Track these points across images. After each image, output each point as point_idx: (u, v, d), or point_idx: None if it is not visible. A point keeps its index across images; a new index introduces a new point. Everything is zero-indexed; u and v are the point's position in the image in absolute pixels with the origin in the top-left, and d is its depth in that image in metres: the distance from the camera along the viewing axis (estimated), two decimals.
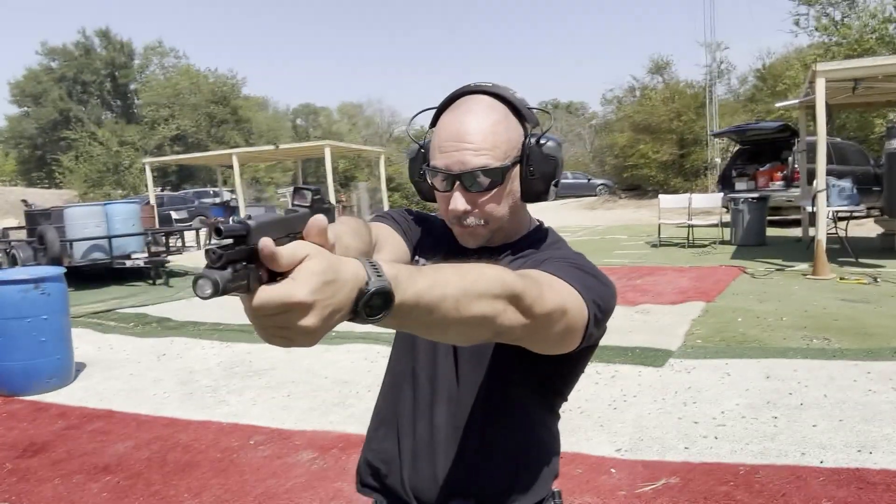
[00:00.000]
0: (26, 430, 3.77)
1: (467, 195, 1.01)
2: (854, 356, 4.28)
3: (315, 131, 45.95)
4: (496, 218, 1.03)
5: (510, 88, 1.05)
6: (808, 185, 9.74)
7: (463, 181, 0.99)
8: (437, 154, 1.01)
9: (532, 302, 0.78)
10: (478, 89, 1.03)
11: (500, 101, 1.03)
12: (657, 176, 23.44)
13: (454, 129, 1.00)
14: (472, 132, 0.98)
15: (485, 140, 0.98)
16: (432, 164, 1.02)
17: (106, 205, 10.59)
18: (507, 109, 1.03)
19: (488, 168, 0.98)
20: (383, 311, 0.63)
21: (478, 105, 1.01)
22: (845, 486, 2.60)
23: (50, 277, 4.51)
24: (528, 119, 1.05)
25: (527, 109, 1.05)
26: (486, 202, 1.01)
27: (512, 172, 1.02)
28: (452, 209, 1.01)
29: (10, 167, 40.92)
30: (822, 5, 20.35)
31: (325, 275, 0.59)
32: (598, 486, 2.74)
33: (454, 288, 0.70)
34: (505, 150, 1.00)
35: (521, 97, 1.05)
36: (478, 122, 0.99)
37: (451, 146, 0.99)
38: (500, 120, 1.01)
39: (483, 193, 1.01)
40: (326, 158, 16.89)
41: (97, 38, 39.40)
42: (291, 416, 3.77)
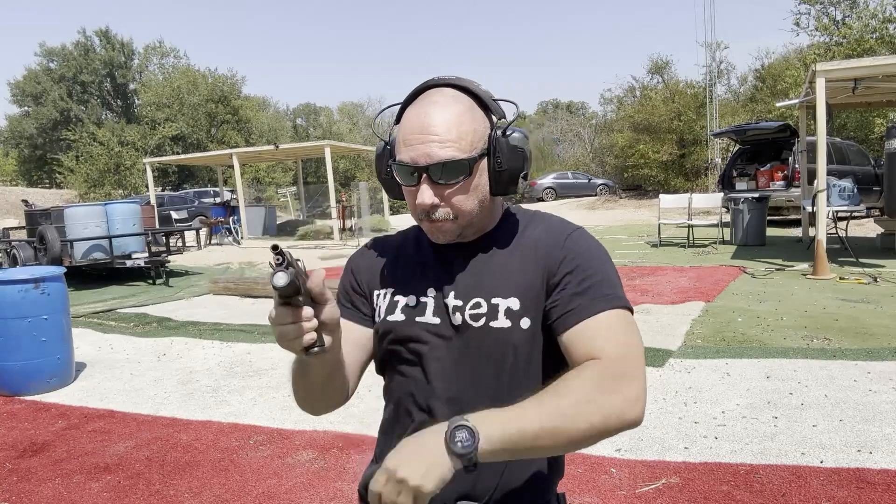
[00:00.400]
0: (26, 430, 3.77)
1: (435, 188, 0.98)
2: (854, 356, 4.28)
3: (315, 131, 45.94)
4: (465, 212, 1.01)
5: (475, 81, 1.04)
6: (809, 184, 9.75)
7: (430, 174, 0.97)
8: (403, 148, 0.99)
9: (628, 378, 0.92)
10: (441, 82, 1.02)
11: (464, 93, 1.01)
12: (657, 176, 23.45)
13: (418, 121, 0.98)
14: (436, 124, 0.96)
15: (450, 131, 0.96)
16: (398, 158, 1.00)
17: (106, 205, 10.59)
18: (471, 101, 1.01)
19: (455, 160, 0.96)
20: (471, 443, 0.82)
21: (442, 97, 0.99)
22: (845, 486, 2.60)
23: (50, 277, 4.51)
24: (493, 111, 1.03)
25: (492, 101, 1.03)
26: (454, 195, 0.99)
27: (479, 165, 1.00)
28: (420, 203, 0.99)
29: (10, 167, 40.92)
30: (822, 5, 20.36)
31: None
32: (599, 485, 2.74)
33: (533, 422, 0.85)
34: (471, 142, 0.98)
35: (485, 89, 1.03)
36: (442, 113, 0.97)
37: (417, 139, 0.97)
38: (465, 111, 0.99)
39: (450, 186, 0.99)
40: (327, 158, 16.91)
41: (97, 38, 39.42)
42: (291, 416, 3.77)
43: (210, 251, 15.01)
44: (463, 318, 1.04)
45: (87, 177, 27.23)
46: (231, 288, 8.39)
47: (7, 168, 40.96)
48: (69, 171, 28.31)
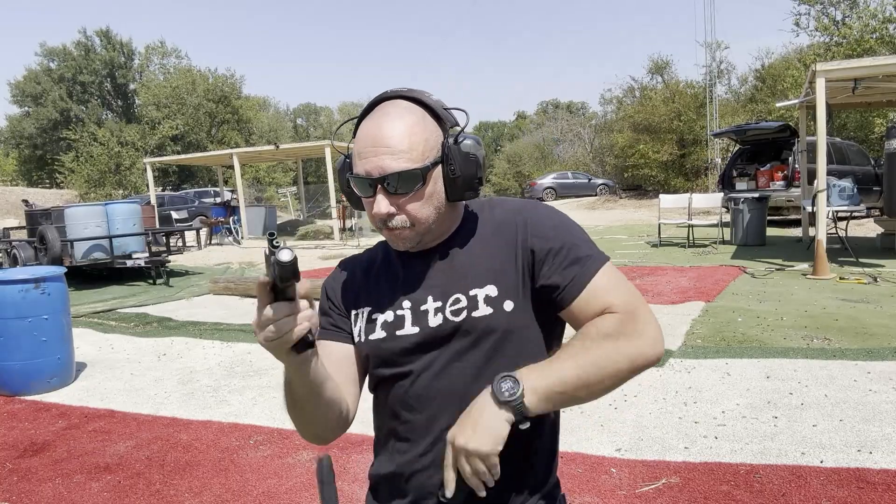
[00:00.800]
0: (27, 430, 3.77)
1: (390, 197, 1.01)
2: (854, 356, 4.29)
3: (315, 131, 45.97)
4: (421, 219, 1.03)
5: (426, 91, 1.06)
6: (809, 184, 9.75)
7: (384, 185, 1.00)
8: (358, 161, 1.02)
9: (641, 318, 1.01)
10: (394, 94, 1.05)
11: (415, 103, 1.04)
12: (657, 176, 23.47)
13: (371, 133, 1.01)
14: (388, 136, 0.99)
15: (401, 142, 0.99)
16: (354, 171, 1.03)
17: (106, 205, 10.59)
18: (423, 112, 1.03)
19: (407, 170, 0.99)
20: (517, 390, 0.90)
21: (394, 109, 1.02)
22: (845, 486, 2.60)
23: (50, 277, 4.51)
24: (445, 119, 1.05)
25: (443, 110, 1.05)
26: (409, 203, 1.02)
27: (433, 173, 1.02)
28: (376, 212, 1.02)
29: (10, 167, 40.93)
30: (822, 5, 20.36)
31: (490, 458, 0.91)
32: (599, 485, 2.74)
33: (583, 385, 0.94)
34: (422, 151, 1.00)
35: (437, 99, 1.06)
36: (394, 125, 1.00)
37: (370, 151, 1.00)
38: (417, 122, 1.01)
39: (405, 195, 1.01)
40: (327, 158, 16.90)
41: (97, 38, 39.42)
42: None
43: (210, 251, 15.01)
44: (445, 316, 1.05)
45: (87, 177, 27.23)
46: (231, 288, 8.40)
47: (7, 168, 40.97)
48: (69, 172, 28.31)
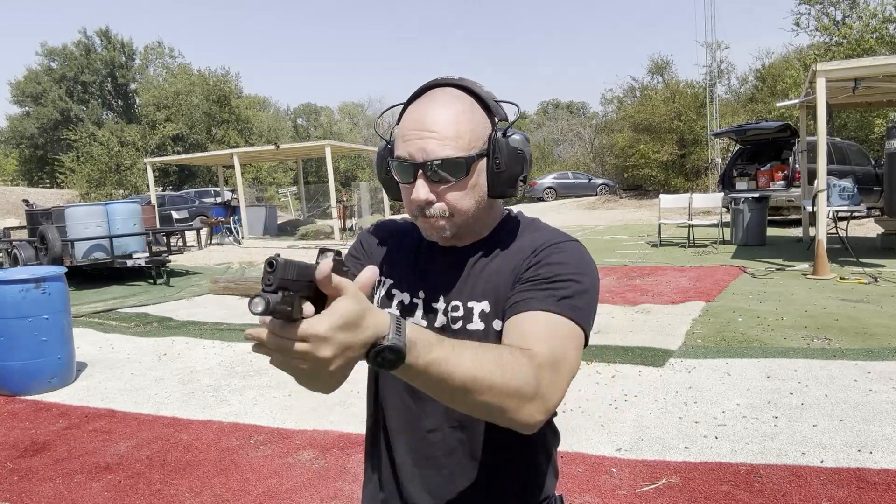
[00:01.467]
0: (27, 430, 3.78)
1: (430, 185, 0.97)
2: (854, 356, 4.29)
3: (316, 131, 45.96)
4: (461, 210, 0.99)
5: (478, 82, 1.02)
6: (809, 184, 9.75)
7: (425, 170, 0.96)
8: (401, 144, 0.98)
9: (544, 396, 0.83)
10: (444, 82, 1.01)
11: (466, 92, 1.00)
12: (657, 176, 23.45)
13: (417, 117, 0.97)
14: (435, 121, 0.95)
15: (448, 129, 0.95)
16: (396, 154, 0.99)
17: (107, 204, 10.60)
18: (473, 101, 0.99)
19: (452, 157, 0.95)
20: (393, 364, 0.72)
21: (443, 95, 0.98)
22: (846, 486, 2.60)
23: (51, 277, 4.51)
24: (495, 113, 1.01)
25: (494, 102, 1.02)
26: (449, 192, 0.97)
27: (478, 165, 0.98)
28: (414, 198, 0.97)
29: (11, 167, 40.93)
30: (822, 5, 20.35)
31: (348, 317, 0.68)
32: (599, 485, 2.75)
33: (464, 374, 0.76)
34: (469, 141, 0.96)
35: (488, 90, 1.02)
36: (441, 111, 0.96)
37: (414, 134, 0.96)
38: (465, 110, 0.97)
39: (446, 184, 0.97)
40: (327, 158, 16.91)
41: (97, 38, 39.41)
42: (292, 416, 3.78)
43: (211, 251, 15.01)
44: (446, 320, 1.04)
45: (88, 177, 27.24)
46: (232, 288, 8.40)
47: (8, 168, 40.97)
48: (70, 171, 28.32)
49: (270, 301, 0.66)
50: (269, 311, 0.66)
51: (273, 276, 0.67)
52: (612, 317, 5.68)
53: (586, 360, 4.47)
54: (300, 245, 15.31)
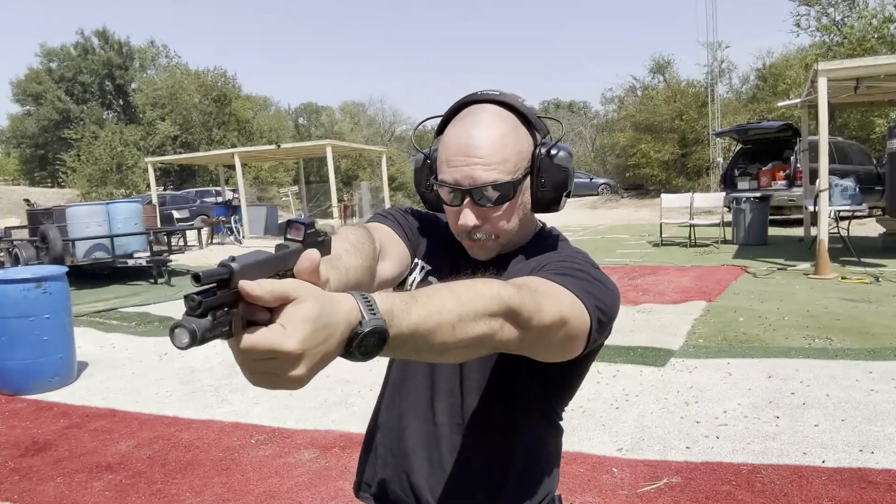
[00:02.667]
0: (28, 429, 3.78)
1: (477, 210, 0.97)
2: (856, 356, 4.28)
3: (317, 130, 45.95)
4: (506, 232, 1.01)
5: (518, 96, 1.02)
6: (811, 184, 9.74)
7: (473, 196, 0.96)
8: (446, 168, 0.98)
9: (530, 315, 0.77)
10: (484, 98, 1.00)
11: (508, 109, 1.00)
12: (659, 175, 23.44)
13: (462, 141, 0.96)
14: (480, 145, 0.95)
15: (494, 153, 0.95)
16: (441, 177, 0.99)
17: (108, 204, 10.61)
18: (515, 119, 0.99)
19: (499, 183, 0.95)
20: (377, 349, 0.63)
21: (486, 115, 0.98)
22: (847, 486, 2.60)
23: (52, 276, 4.51)
24: (537, 128, 1.02)
25: (536, 118, 1.02)
26: (497, 217, 0.99)
27: (523, 185, 0.99)
28: (462, 224, 0.98)
29: (12, 166, 40.96)
30: (821, 6, 20.33)
31: (318, 321, 0.58)
32: (600, 485, 2.74)
33: (450, 313, 0.69)
34: (515, 163, 0.97)
35: (529, 105, 1.02)
36: (486, 134, 0.95)
37: (461, 160, 0.95)
38: (510, 131, 0.97)
39: (493, 208, 0.98)
40: (328, 158, 16.92)
41: (96, 39, 39.39)
42: (293, 416, 3.78)
43: (212, 250, 15.02)
44: None
45: (89, 176, 27.26)
46: None
47: (9, 167, 41.00)
48: (71, 171, 28.34)
49: (196, 330, 0.53)
50: (198, 341, 0.53)
51: (201, 296, 0.54)
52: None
53: None
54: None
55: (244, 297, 0.56)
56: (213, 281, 0.56)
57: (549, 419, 1.10)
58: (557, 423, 1.13)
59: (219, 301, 0.56)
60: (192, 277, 0.55)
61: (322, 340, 0.58)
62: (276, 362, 0.57)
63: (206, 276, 0.55)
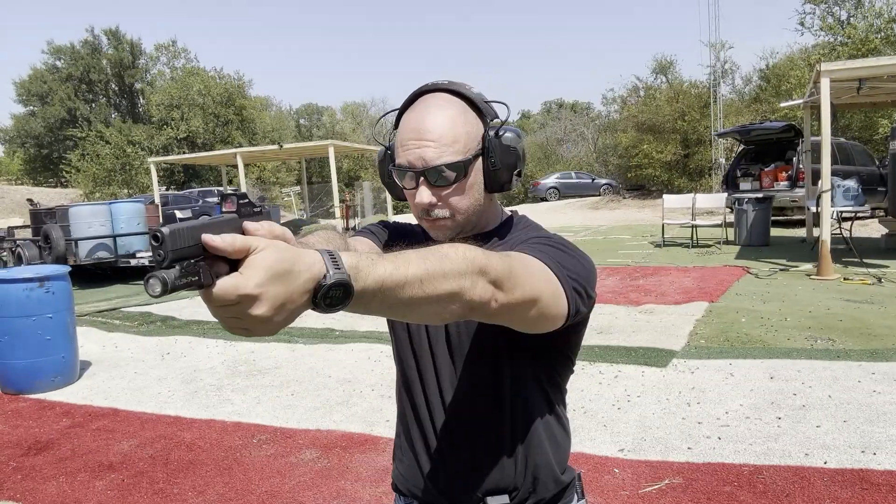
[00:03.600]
0: (31, 429, 3.79)
1: (432, 189, 1.02)
2: (858, 357, 4.27)
3: (319, 131, 45.97)
4: (461, 210, 1.05)
5: (467, 84, 1.08)
6: (813, 185, 9.72)
7: (427, 176, 1.01)
8: (401, 152, 1.03)
9: (500, 275, 0.79)
10: (435, 87, 1.06)
11: (457, 96, 1.05)
12: (661, 176, 23.42)
13: (414, 125, 1.02)
14: (431, 128, 1.00)
15: (444, 135, 1.00)
16: (397, 162, 1.04)
17: (111, 204, 10.62)
18: (464, 104, 1.05)
19: (450, 163, 1.00)
20: (343, 301, 0.65)
21: (435, 101, 1.03)
22: (849, 487, 2.60)
23: (55, 276, 4.52)
24: (486, 113, 1.07)
25: (484, 103, 1.07)
26: (451, 195, 1.03)
27: (474, 165, 1.04)
28: (418, 202, 1.03)
29: (16, 166, 41.04)
30: (827, 5, 20.29)
31: (276, 266, 0.61)
32: (602, 486, 2.74)
33: (417, 268, 0.71)
34: (465, 144, 1.02)
35: (477, 92, 1.07)
36: (436, 117, 1.01)
37: (413, 143, 1.01)
38: (458, 114, 1.03)
39: (447, 187, 1.03)
40: (330, 158, 16.93)
41: (104, 38, 39.43)
42: (295, 415, 3.78)
43: None
44: None
45: (94, 176, 27.32)
46: None
47: (13, 167, 41.08)
48: (76, 171, 28.39)
49: (168, 279, 0.58)
50: (171, 289, 0.58)
51: (163, 250, 0.59)
52: (615, 317, 5.67)
53: (589, 361, 4.46)
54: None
55: (207, 249, 0.61)
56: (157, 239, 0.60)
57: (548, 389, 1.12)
58: (558, 394, 1.15)
59: (181, 253, 0.60)
60: (151, 237, 0.59)
61: (282, 285, 0.61)
62: (238, 306, 0.60)
63: (163, 236, 0.60)
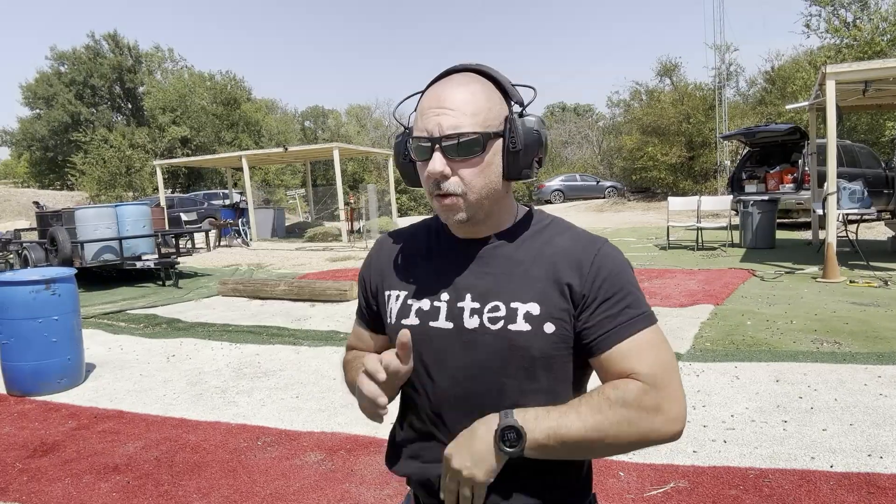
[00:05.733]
0: (37, 430, 3.80)
1: (446, 159, 0.98)
2: (864, 360, 4.26)
3: (324, 133, 46.02)
4: (475, 188, 0.99)
5: (494, 67, 1.05)
6: (819, 187, 9.69)
7: (443, 145, 0.97)
8: (419, 122, 1.00)
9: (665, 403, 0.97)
10: (461, 67, 1.04)
11: (482, 76, 1.03)
12: (665, 178, 23.39)
13: (435, 96, 0.99)
14: (452, 98, 0.98)
15: (465, 105, 0.97)
16: (414, 134, 1.01)
17: (116, 206, 10.66)
18: (489, 84, 1.02)
19: (468, 133, 0.97)
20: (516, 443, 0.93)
21: (461, 77, 1.01)
22: (855, 491, 2.58)
23: (61, 278, 4.54)
24: (511, 96, 1.04)
25: (510, 86, 1.04)
26: (464, 168, 0.98)
27: (493, 144, 1.00)
28: (430, 170, 0.98)
29: (22, 169, 41.22)
30: (833, 6, 20.24)
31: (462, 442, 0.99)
32: (607, 489, 2.74)
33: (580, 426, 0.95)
34: (485, 119, 0.98)
35: (505, 76, 1.05)
36: (458, 89, 0.99)
37: (432, 112, 0.98)
38: (482, 90, 1.00)
39: (462, 160, 0.98)
40: (335, 160, 16.95)
41: (106, 42, 39.56)
42: (300, 418, 3.78)
43: (219, 253, 15.08)
44: (481, 321, 1.02)
45: (98, 179, 27.44)
46: (240, 289, 8.43)
47: (19, 170, 41.25)
48: (80, 174, 28.51)
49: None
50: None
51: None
52: None
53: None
54: (308, 247, 15.35)
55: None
56: None
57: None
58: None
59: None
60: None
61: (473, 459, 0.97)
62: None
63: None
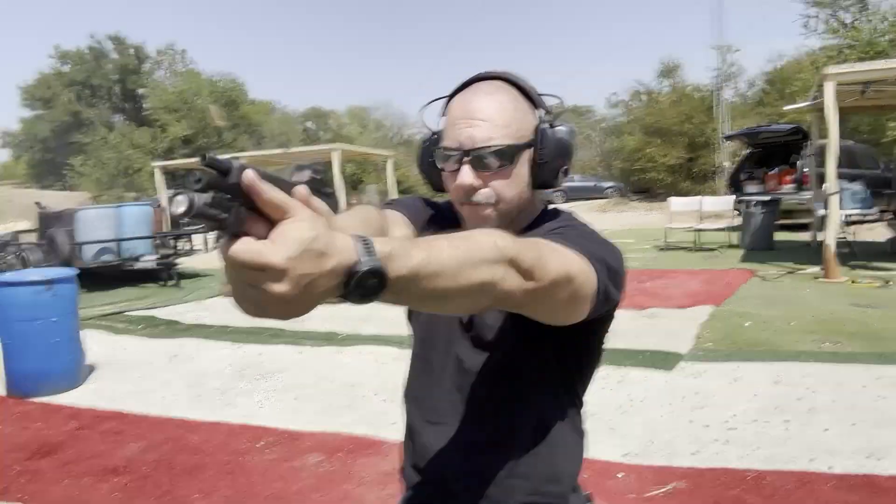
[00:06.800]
0: (37, 432, 3.80)
1: (476, 171, 0.98)
2: (865, 360, 4.25)
3: (325, 134, 46.01)
4: (506, 198, 1.00)
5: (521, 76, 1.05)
6: (818, 188, 9.69)
7: (472, 157, 0.97)
8: (449, 133, 1.00)
9: (532, 264, 0.75)
10: (488, 75, 1.03)
11: (510, 85, 1.02)
12: (665, 179, 23.39)
13: (464, 107, 0.99)
14: (482, 109, 0.97)
15: (495, 117, 0.97)
16: (444, 144, 1.01)
17: (119, 207, 10.66)
18: (517, 93, 1.02)
19: (500, 145, 0.97)
20: (378, 290, 0.60)
21: (489, 86, 1.01)
22: (856, 492, 2.58)
23: (61, 279, 4.54)
24: (539, 105, 1.04)
25: (538, 96, 1.04)
26: (496, 181, 0.99)
27: (523, 155, 1.00)
28: (460, 183, 0.98)
29: (22, 170, 41.25)
30: (832, 9, 20.24)
31: (312, 244, 0.56)
32: (606, 490, 2.74)
33: (450, 258, 0.67)
34: (516, 130, 0.98)
35: (532, 85, 1.05)
36: (488, 100, 0.98)
37: (464, 123, 0.98)
38: (511, 100, 1.00)
39: (492, 171, 0.98)
40: (336, 162, 16.95)
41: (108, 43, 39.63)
42: (300, 419, 3.78)
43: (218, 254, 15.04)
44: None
45: (97, 180, 27.48)
46: None
47: (20, 171, 41.29)
48: (79, 175, 28.55)
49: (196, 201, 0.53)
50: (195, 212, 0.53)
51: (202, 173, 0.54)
52: (619, 320, 5.63)
53: None
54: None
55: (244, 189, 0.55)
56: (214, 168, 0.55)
57: (563, 397, 1.09)
58: (575, 402, 1.11)
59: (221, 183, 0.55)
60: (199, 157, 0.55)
61: (312, 266, 0.56)
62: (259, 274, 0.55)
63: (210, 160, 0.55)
